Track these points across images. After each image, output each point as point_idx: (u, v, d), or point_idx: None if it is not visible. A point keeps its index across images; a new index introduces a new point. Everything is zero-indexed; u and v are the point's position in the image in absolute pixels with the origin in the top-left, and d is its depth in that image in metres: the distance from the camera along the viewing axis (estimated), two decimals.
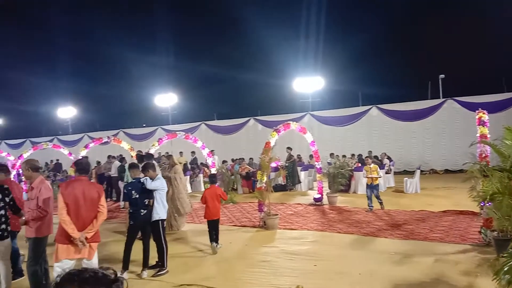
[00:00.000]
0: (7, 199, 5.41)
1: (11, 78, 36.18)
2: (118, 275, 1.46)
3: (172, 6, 34.01)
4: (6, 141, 33.01)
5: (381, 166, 15.17)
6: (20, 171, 13.07)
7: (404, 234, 8.17)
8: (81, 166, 5.28)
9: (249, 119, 24.26)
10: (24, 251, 6.40)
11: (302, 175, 16.13)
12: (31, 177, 5.45)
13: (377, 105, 20.98)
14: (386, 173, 15.41)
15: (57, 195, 4.96)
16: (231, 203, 13.01)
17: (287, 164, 15.92)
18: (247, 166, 16.82)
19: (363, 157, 14.31)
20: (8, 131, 36.69)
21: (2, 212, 5.37)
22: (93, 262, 5.08)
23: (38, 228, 5.26)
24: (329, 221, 9.86)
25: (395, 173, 17.12)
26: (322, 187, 12.64)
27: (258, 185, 10.15)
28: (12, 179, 6.46)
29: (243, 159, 17.92)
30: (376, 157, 16.19)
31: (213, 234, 7.71)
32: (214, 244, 7.60)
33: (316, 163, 12.98)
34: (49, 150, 19.02)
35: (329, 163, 15.04)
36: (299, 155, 18.03)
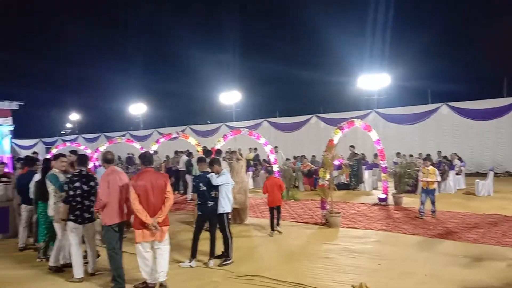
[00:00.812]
0: (96, 187, 6.00)
1: (88, 77, 39.01)
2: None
3: (239, 6, 34.69)
4: (84, 135, 35.51)
5: (451, 166, 14.53)
6: (97, 163, 14.12)
7: (474, 238, 7.82)
8: (146, 158, 5.76)
9: (312, 117, 24.16)
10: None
11: (366, 174, 15.84)
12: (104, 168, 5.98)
13: (448, 103, 20.00)
14: (457, 174, 14.72)
15: (129, 188, 5.45)
16: (293, 200, 13.12)
17: (351, 163, 15.70)
18: (309, 164, 16.83)
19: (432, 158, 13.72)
20: (85, 126, 39.56)
21: (92, 198, 5.98)
22: (165, 244, 5.66)
23: (103, 217, 5.64)
24: (394, 221, 9.65)
25: (466, 174, 16.30)
26: (387, 187, 12.36)
27: (320, 183, 10.16)
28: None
29: (304, 156, 17.95)
30: (445, 157, 15.52)
31: (274, 220, 8.78)
32: (276, 227, 8.78)
33: (381, 162, 12.70)
34: (122, 144, 20.21)
35: (395, 163, 14.64)
36: (363, 153, 17.71)
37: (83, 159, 6.33)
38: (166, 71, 37.52)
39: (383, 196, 12.01)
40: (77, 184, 5.91)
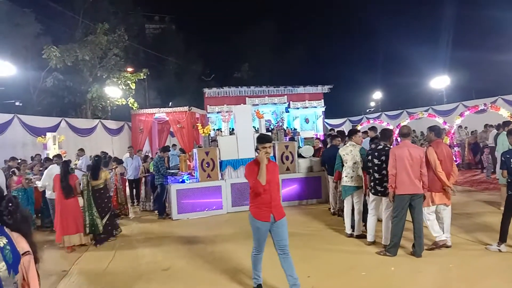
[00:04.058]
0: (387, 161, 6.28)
1: (391, 56, 39.80)
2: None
3: None
4: (386, 112, 36.54)
5: None
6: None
7: None
8: (437, 130, 6.38)
9: None
10: None
11: None
12: None
13: None
14: None
15: (429, 154, 6.05)
16: None
17: None
18: None
19: None
20: (387, 103, 40.70)
21: (384, 172, 6.30)
22: (449, 208, 6.25)
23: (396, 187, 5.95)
24: None
25: None
26: None
27: None
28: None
29: None
30: None
31: None
32: None
33: None
34: (423, 120, 19.74)
35: None
36: None
37: (382, 133, 6.66)
38: (474, 38, 33.42)
39: None
40: (369, 157, 6.49)
